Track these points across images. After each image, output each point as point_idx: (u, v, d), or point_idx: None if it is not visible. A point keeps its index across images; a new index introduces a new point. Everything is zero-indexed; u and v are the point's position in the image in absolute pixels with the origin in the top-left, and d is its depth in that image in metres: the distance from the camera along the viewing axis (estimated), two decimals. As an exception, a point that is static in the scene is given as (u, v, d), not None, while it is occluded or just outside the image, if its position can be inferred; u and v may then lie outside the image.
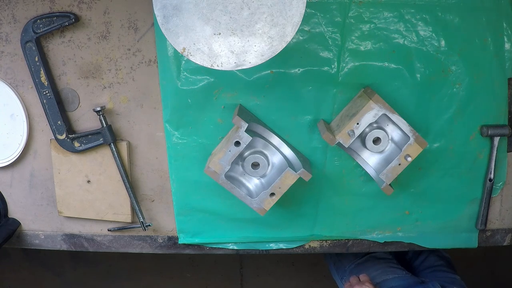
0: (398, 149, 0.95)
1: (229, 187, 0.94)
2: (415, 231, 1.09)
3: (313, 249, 1.11)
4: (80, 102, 1.04)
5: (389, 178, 0.95)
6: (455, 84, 1.00)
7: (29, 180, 1.10)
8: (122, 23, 0.99)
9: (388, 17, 0.96)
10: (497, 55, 0.98)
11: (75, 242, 1.13)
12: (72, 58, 1.01)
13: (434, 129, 1.02)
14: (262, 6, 0.77)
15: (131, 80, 1.02)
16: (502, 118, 1.02)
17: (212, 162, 0.93)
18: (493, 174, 1.04)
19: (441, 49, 0.97)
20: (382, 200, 1.05)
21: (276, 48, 0.79)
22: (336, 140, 0.92)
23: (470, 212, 1.08)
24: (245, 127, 0.90)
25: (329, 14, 0.95)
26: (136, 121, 1.04)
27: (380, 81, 0.98)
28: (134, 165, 1.07)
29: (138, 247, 1.13)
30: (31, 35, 0.97)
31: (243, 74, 0.98)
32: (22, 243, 1.14)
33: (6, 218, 1.12)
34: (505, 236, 1.11)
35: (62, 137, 1.03)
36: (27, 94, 1.04)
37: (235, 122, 0.90)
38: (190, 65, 0.98)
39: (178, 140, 1.02)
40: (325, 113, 1.01)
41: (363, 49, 0.97)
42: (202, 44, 0.79)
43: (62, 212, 1.10)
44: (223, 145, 0.94)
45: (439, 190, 1.06)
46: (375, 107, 0.91)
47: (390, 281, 1.17)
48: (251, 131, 0.92)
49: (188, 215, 1.05)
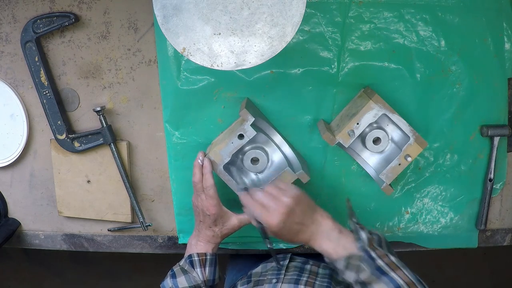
0: (398, 149, 0.95)
1: (226, 178, 0.94)
2: (415, 231, 1.09)
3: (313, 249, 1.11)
4: (80, 102, 1.04)
5: (389, 178, 0.94)
6: (455, 84, 1.00)
7: (29, 180, 1.10)
8: (122, 23, 0.99)
9: (388, 17, 0.96)
10: (497, 55, 0.98)
11: (75, 242, 1.13)
12: (72, 58, 1.01)
13: (434, 129, 1.02)
14: (262, 6, 0.77)
15: (131, 80, 1.02)
16: (502, 118, 1.02)
17: (213, 152, 0.93)
18: (493, 174, 1.04)
19: (441, 49, 0.97)
20: (382, 200, 1.05)
21: (276, 48, 0.79)
22: (336, 140, 0.92)
23: (470, 212, 1.08)
24: (251, 121, 0.89)
25: (329, 14, 0.95)
26: (136, 121, 1.04)
27: (380, 81, 0.98)
28: (134, 165, 1.07)
29: (138, 247, 1.13)
30: (31, 35, 0.97)
31: (243, 74, 0.98)
32: (22, 243, 1.14)
33: (6, 218, 1.12)
34: (505, 236, 1.11)
35: (62, 137, 1.03)
36: (27, 94, 1.04)
37: (242, 115, 0.89)
38: (190, 65, 0.98)
39: (178, 140, 1.02)
40: (325, 113, 1.01)
41: (363, 49, 0.97)
42: (202, 44, 0.79)
43: (62, 212, 1.10)
44: (226, 136, 0.94)
45: (439, 190, 1.06)
46: (375, 107, 0.91)
47: None
48: (255, 126, 0.92)
49: (188, 215, 1.05)
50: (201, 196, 0.91)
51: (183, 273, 0.91)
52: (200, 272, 0.91)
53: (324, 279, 0.87)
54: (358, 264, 0.74)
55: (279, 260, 0.91)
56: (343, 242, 0.78)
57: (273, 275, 0.89)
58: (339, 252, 0.77)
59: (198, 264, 0.92)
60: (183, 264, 0.93)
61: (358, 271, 0.74)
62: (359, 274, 0.74)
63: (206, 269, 0.92)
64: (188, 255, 0.93)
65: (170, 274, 0.93)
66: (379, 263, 0.74)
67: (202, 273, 0.92)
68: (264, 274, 0.91)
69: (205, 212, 0.92)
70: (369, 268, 0.74)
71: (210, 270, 0.93)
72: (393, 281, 0.72)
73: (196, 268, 0.92)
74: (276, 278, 0.87)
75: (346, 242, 0.78)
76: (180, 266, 0.93)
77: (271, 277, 0.88)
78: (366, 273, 0.74)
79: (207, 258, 0.93)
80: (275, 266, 0.93)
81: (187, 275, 0.91)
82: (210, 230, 0.93)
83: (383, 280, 0.73)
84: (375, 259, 0.75)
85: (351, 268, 0.75)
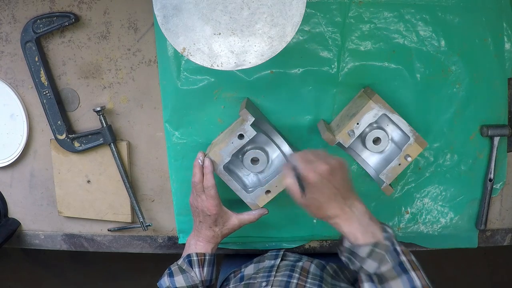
0: (398, 149, 0.95)
1: (226, 178, 0.94)
2: (415, 231, 1.09)
3: (313, 249, 1.11)
4: (80, 102, 1.04)
5: (389, 178, 0.94)
6: (455, 84, 1.00)
7: (29, 180, 1.10)
8: (122, 23, 0.99)
9: (388, 17, 0.96)
10: (497, 55, 0.98)
11: (75, 242, 1.13)
12: (72, 58, 1.01)
13: (434, 129, 1.02)
14: (262, 6, 0.77)
15: (131, 80, 1.02)
16: (502, 118, 1.02)
17: (213, 152, 0.93)
18: (493, 174, 1.04)
19: (441, 49, 0.97)
20: (382, 200, 1.05)
21: (276, 48, 0.79)
22: (336, 140, 0.92)
23: (470, 212, 1.08)
24: (251, 121, 0.89)
25: (329, 14, 0.95)
26: (136, 121, 1.04)
27: (380, 81, 0.98)
28: (134, 165, 1.07)
29: (138, 247, 1.13)
30: (31, 35, 0.97)
31: (243, 74, 0.98)
32: (22, 243, 1.14)
33: (6, 218, 1.12)
34: (505, 236, 1.11)
35: (62, 137, 1.03)
36: (27, 94, 1.04)
37: (242, 115, 0.89)
38: (190, 65, 0.98)
39: (178, 140, 1.02)
40: (325, 113, 1.00)
41: (363, 49, 0.97)
42: (202, 44, 0.79)
43: (62, 212, 1.10)
44: (226, 136, 0.94)
45: (439, 190, 1.06)
46: (375, 107, 0.91)
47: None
48: (255, 126, 0.92)
49: (188, 215, 1.05)
50: (202, 196, 0.91)
51: (181, 272, 0.91)
52: (199, 272, 0.91)
53: (315, 281, 0.85)
54: (382, 254, 0.72)
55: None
56: (371, 228, 0.75)
57: (264, 277, 0.88)
58: (367, 237, 0.74)
59: (196, 264, 0.92)
60: (181, 263, 0.92)
61: (381, 261, 0.72)
62: (380, 265, 0.72)
63: (205, 269, 0.92)
64: (187, 255, 0.93)
65: (168, 273, 0.92)
66: (402, 259, 0.72)
67: (200, 273, 0.91)
68: (254, 277, 0.90)
69: (206, 213, 0.91)
70: (392, 261, 0.72)
71: (208, 270, 0.92)
72: (411, 281, 0.71)
73: (195, 268, 0.91)
74: (266, 281, 0.86)
75: (374, 229, 0.75)
76: (178, 265, 0.93)
77: (261, 280, 0.87)
78: (388, 265, 0.71)
79: (206, 258, 0.93)
80: (266, 266, 0.92)
81: (185, 274, 0.91)
82: (210, 230, 0.93)
83: (402, 277, 0.71)
84: (399, 253, 0.73)
85: (375, 257, 0.72)
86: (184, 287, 0.90)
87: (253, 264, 0.97)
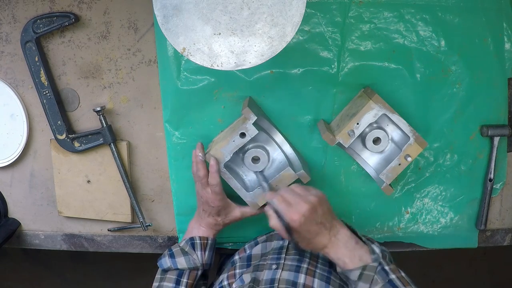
0: (398, 149, 0.95)
1: (227, 177, 0.94)
2: (415, 231, 1.09)
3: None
4: (80, 102, 1.04)
5: (389, 178, 0.94)
6: (455, 84, 1.00)
7: (29, 180, 1.10)
8: (122, 23, 0.99)
9: (388, 17, 0.96)
10: (497, 55, 0.98)
11: (75, 242, 1.13)
12: (72, 58, 1.01)
13: (434, 129, 1.02)
14: (262, 6, 0.77)
15: (131, 80, 1.02)
16: (502, 118, 1.02)
17: (214, 150, 0.93)
18: (493, 174, 1.04)
19: (441, 49, 0.97)
20: (382, 200, 1.05)
21: (276, 48, 0.79)
22: (336, 140, 0.92)
23: (470, 212, 1.08)
24: (253, 120, 0.89)
25: (329, 14, 0.95)
26: (136, 121, 1.04)
27: (380, 81, 0.98)
28: (134, 165, 1.07)
29: (138, 247, 1.13)
30: (31, 35, 0.97)
31: (243, 74, 0.98)
32: (22, 243, 1.14)
33: (6, 218, 1.13)
34: (505, 236, 1.11)
35: (62, 137, 1.03)
36: (27, 94, 1.04)
37: (244, 113, 0.89)
38: (190, 65, 0.98)
39: (178, 140, 1.02)
40: (325, 113, 1.00)
41: (363, 49, 0.97)
42: (202, 44, 0.79)
43: (62, 212, 1.10)
44: (227, 134, 0.94)
45: (439, 190, 1.06)
46: (375, 107, 0.91)
47: None
48: (257, 124, 0.92)
49: (188, 215, 1.05)
50: (207, 189, 0.93)
51: (183, 254, 0.93)
52: (200, 255, 0.94)
53: (325, 267, 0.87)
54: (372, 276, 0.76)
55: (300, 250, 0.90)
56: (359, 252, 0.79)
57: (273, 259, 0.89)
58: (355, 262, 0.78)
59: (199, 247, 0.94)
60: (184, 246, 0.94)
61: (372, 282, 0.75)
62: (372, 286, 0.75)
63: (206, 253, 0.94)
64: (190, 237, 0.95)
65: (169, 254, 0.94)
66: (391, 277, 0.76)
67: (202, 256, 0.94)
68: (264, 258, 0.91)
69: (210, 204, 0.94)
70: (382, 281, 0.75)
71: (209, 255, 0.95)
72: None
73: (197, 251, 0.94)
74: (276, 263, 0.87)
75: (361, 253, 0.79)
76: (181, 247, 0.95)
77: (271, 262, 0.88)
78: (379, 285, 0.75)
79: (208, 243, 0.95)
80: (275, 248, 0.94)
81: (187, 256, 0.93)
82: (212, 219, 0.96)
83: None
84: (388, 272, 0.76)
85: (365, 279, 0.76)
86: (186, 269, 0.93)
87: (260, 244, 0.98)
